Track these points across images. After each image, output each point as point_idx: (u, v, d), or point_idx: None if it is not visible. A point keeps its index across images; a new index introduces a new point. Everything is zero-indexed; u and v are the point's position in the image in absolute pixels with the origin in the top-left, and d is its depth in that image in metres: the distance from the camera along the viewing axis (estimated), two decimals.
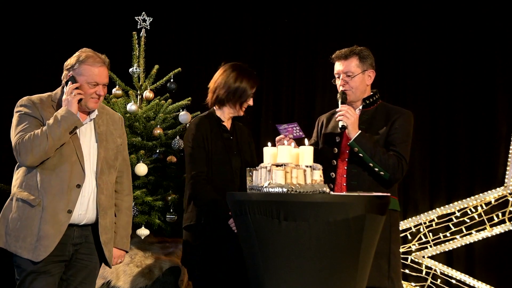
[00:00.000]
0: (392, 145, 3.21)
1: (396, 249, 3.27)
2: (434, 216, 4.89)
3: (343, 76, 3.30)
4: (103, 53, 3.01)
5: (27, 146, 2.75)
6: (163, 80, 4.22)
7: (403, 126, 3.25)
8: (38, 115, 2.85)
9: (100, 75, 2.89)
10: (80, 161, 2.86)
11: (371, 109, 3.34)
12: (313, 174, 2.65)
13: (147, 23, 4.23)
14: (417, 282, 4.89)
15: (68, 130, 2.78)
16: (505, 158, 4.81)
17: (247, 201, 2.65)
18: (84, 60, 2.88)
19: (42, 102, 2.89)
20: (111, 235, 3.00)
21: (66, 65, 2.93)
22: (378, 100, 3.37)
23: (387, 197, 2.78)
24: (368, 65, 3.31)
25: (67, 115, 2.78)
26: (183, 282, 3.79)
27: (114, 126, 3.07)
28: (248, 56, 5.31)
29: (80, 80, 2.86)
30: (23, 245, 2.78)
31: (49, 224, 2.78)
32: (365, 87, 3.33)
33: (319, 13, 5.28)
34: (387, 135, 3.24)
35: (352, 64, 3.29)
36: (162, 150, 4.05)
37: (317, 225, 2.54)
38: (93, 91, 2.88)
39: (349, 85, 3.29)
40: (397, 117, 3.26)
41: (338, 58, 3.35)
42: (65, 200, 2.81)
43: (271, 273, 2.63)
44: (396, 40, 5.14)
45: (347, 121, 3.16)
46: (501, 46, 4.92)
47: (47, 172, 2.81)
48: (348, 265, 2.62)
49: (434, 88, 5.06)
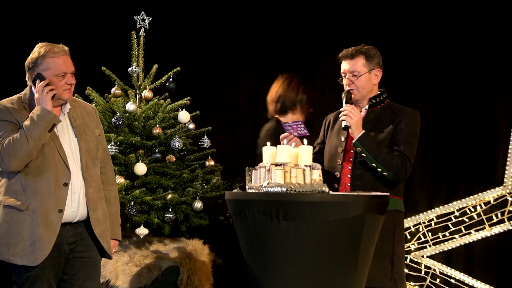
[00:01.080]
0: (396, 145, 3.19)
1: (400, 250, 3.24)
2: (433, 215, 4.89)
3: (349, 75, 3.28)
4: (103, 53, 3.01)
5: (9, 151, 2.71)
6: (162, 80, 4.21)
7: (408, 126, 3.23)
8: (13, 119, 2.81)
9: (66, 64, 2.86)
10: (63, 159, 2.83)
11: (378, 108, 3.32)
12: (312, 174, 2.65)
13: (146, 23, 4.22)
14: (416, 281, 4.89)
15: (47, 128, 2.74)
16: (504, 158, 4.81)
17: (246, 201, 2.65)
18: (45, 54, 2.84)
19: (14, 105, 2.85)
20: (105, 226, 2.97)
21: (27, 65, 2.88)
22: (385, 99, 3.36)
23: (386, 196, 2.78)
24: (375, 64, 3.29)
25: (43, 114, 2.74)
26: (182, 281, 3.79)
27: (89, 117, 3.04)
28: (248, 56, 5.31)
29: (47, 74, 2.82)
30: (16, 251, 2.74)
31: (41, 226, 2.75)
32: (371, 87, 3.31)
33: (319, 12, 5.27)
34: (393, 135, 3.22)
35: (359, 63, 3.27)
36: (161, 149, 4.05)
37: (316, 224, 2.54)
38: (63, 82, 2.85)
39: (355, 85, 3.27)
40: (402, 117, 3.24)
41: (344, 57, 3.32)
42: (55, 200, 2.78)
43: (270, 272, 2.63)
44: (396, 40, 5.14)
45: (351, 121, 3.15)
46: (501, 47, 4.92)
47: (31, 175, 2.78)
48: (347, 264, 2.62)
49: (434, 88, 5.05)
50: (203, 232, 4.21)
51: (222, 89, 5.40)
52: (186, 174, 4.01)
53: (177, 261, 3.83)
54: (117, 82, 4.16)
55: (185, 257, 3.88)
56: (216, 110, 5.35)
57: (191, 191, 3.93)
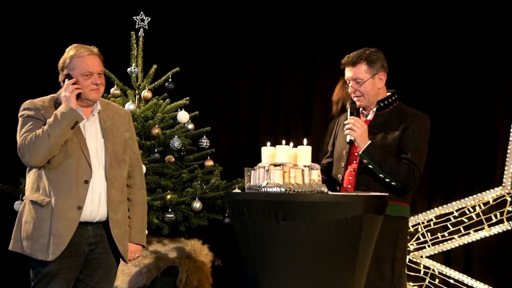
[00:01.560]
0: (404, 152, 3.09)
1: (402, 256, 3.17)
2: (432, 215, 4.89)
3: (352, 83, 3.20)
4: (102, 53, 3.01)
5: (30, 147, 2.76)
6: (161, 80, 4.21)
7: (416, 132, 3.12)
8: (41, 117, 2.86)
9: (92, 64, 2.89)
10: (85, 156, 2.85)
11: (386, 111, 3.22)
12: (311, 174, 2.65)
13: (145, 23, 4.22)
14: (415, 282, 4.89)
15: (69, 125, 2.78)
16: (503, 158, 4.81)
17: (245, 201, 2.65)
18: (73, 54, 2.89)
19: (44, 104, 2.90)
20: (124, 229, 2.98)
21: (59, 65, 2.95)
22: (395, 101, 3.25)
23: (385, 197, 2.78)
24: (378, 68, 3.19)
25: (66, 111, 2.78)
26: (181, 281, 3.79)
27: (121, 121, 3.06)
28: (247, 56, 5.31)
29: (74, 74, 2.87)
30: (36, 246, 2.77)
31: (59, 222, 2.77)
32: (377, 91, 3.21)
33: (318, 12, 5.28)
34: (400, 140, 3.12)
35: (361, 70, 3.17)
36: (160, 149, 4.05)
37: (315, 225, 2.54)
38: (89, 82, 2.88)
39: (359, 91, 3.18)
40: (411, 122, 3.13)
41: (346, 64, 3.22)
42: (74, 197, 2.80)
43: (269, 273, 2.63)
44: (396, 40, 5.14)
45: (355, 134, 3.07)
46: (501, 47, 4.93)
47: (53, 171, 2.81)
48: (346, 264, 2.62)
49: (434, 88, 5.06)
50: (202, 232, 4.21)
51: (222, 89, 5.40)
52: (185, 174, 4.00)
53: (176, 261, 3.83)
54: (116, 82, 4.16)
55: (184, 257, 3.88)
56: (216, 110, 5.36)
57: (190, 192, 3.93)
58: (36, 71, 5.14)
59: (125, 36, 4.14)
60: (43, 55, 5.14)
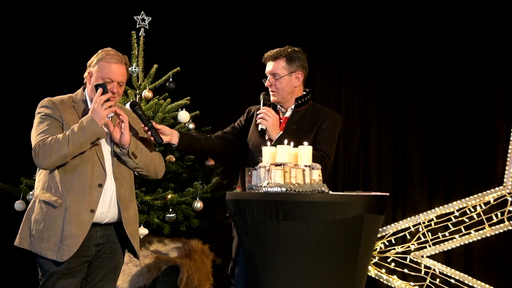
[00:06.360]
0: (318, 143, 3.26)
1: None
2: (433, 215, 4.89)
3: (270, 77, 3.36)
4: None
5: (47, 149, 2.75)
6: (162, 80, 4.21)
7: (329, 127, 3.31)
8: (58, 116, 2.86)
9: (116, 72, 2.90)
10: (100, 160, 2.87)
11: (303, 109, 3.39)
12: (311, 174, 2.65)
13: (146, 23, 4.22)
14: (416, 281, 4.89)
15: (91, 140, 2.78)
16: (504, 158, 4.81)
17: (246, 201, 2.65)
18: (102, 57, 2.91)
19: (63, 103, 2.91)
20: (136, 227, 3.02)
21: (88, 63, 2.97)
22: (309, 100, 3.43)
23: (386, 196, 2.78)
24: (297, 67, 3.35)
25: (92, 125, 2.77)
26: (182, 281, 3.79)
27: (135, 126, 3.10)
28: (246, 56, 5.31)
29: (96, 76, 2.89)
30: (48, 245, 2.79)
31: (72, 224, 2.79)
32: (292, 89, 3.37)
33: (318, 12, 5.28)
34: (315, 134, 3.29)
35: (280, 65, 3.34)
36: (161, 149, 4.04)
37: (315, 224, 2.54)
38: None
39: (275, 86, 3.35)
40: (324, 119, 3.32)
41: (268, 59, 3.40)
42: (88, 200, 2.82)
43: (269, 272, 2.63)
44: (396, 40, 5.14)
45: (266, 124, 3.23)
46: (500, 47, 4.92)
47: (68, 173, 2.82)
48: (346, 264, 2.62)
49: (433, 89, 5.06)
50: (203, 232, 4.21)
51: (222, 89, 5.40)
52: (186, 174, 4.00)
53: (176, 261, 3.83)
54: None
55: (185, 257, 3.88)
56: (216, 110, 5.36)
57: (191, 191, 3.93)
58: (36, 70, 5.14)
59: (126, 36, 4.14)
60: (43, 54, 5.15)
